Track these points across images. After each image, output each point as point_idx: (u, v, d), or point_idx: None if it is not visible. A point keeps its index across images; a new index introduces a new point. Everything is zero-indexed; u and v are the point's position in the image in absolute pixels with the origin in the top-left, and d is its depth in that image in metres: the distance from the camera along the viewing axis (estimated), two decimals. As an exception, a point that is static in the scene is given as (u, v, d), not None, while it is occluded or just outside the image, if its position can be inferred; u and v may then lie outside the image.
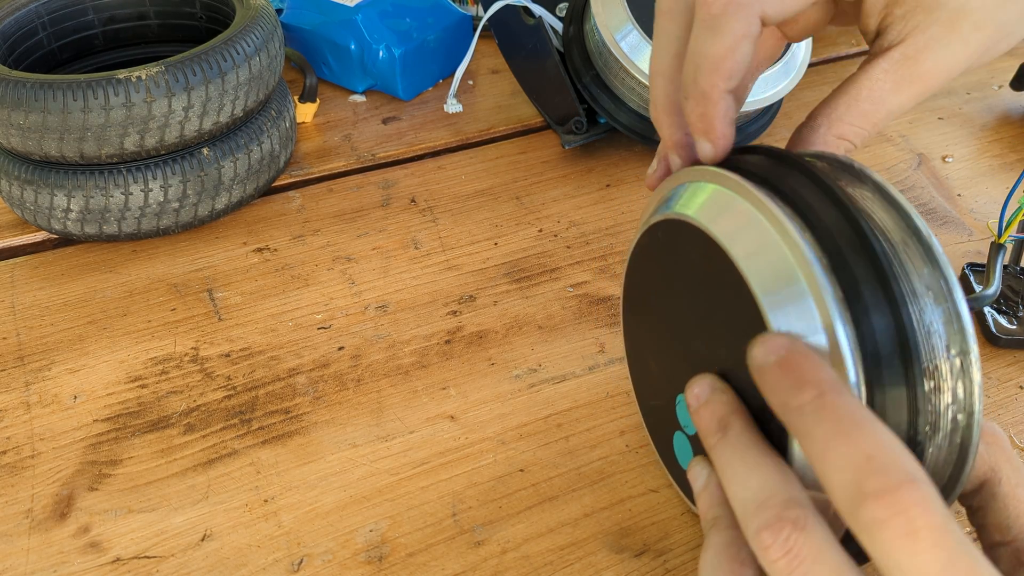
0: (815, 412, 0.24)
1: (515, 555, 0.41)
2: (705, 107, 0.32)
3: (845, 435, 0.23)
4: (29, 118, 0.53)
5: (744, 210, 0.30)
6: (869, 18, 0.34)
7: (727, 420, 0.30)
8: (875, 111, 0.34)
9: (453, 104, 0.78)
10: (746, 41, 0.31)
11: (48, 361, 0.52)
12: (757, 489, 0.26)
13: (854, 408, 0.24)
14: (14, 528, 0.43)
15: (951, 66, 0.33)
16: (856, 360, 0.26)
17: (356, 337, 0.53)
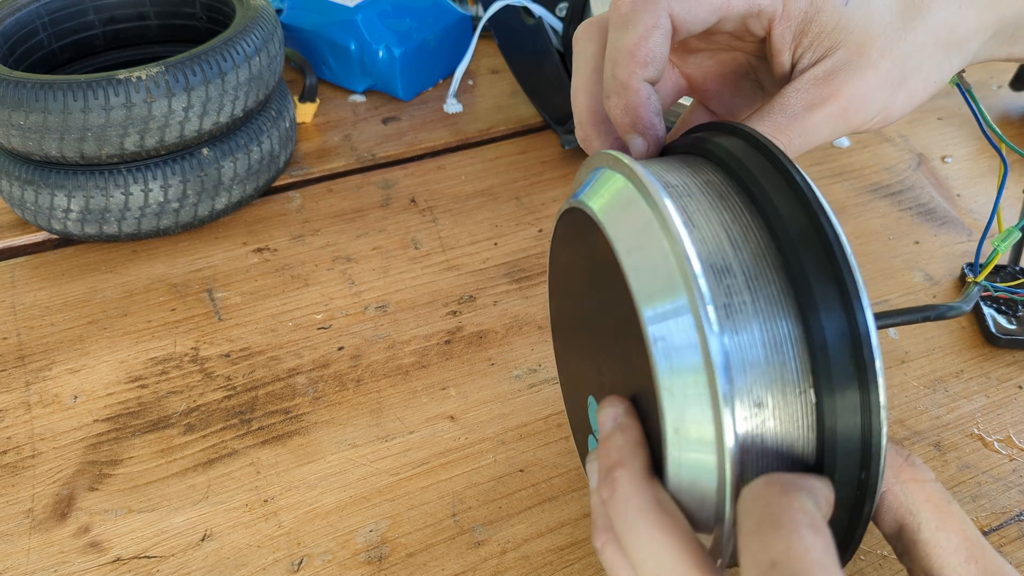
0: (610, 506, 0.27)
1: (515, 555, 0.41)
2: (626, 97, 0.32)
3: (623, 541, 0.27)
4: (29, 118, 0.53)
5: (641, 210, 0.27)
6: (781, 54, 0.35)
7: (616, 473, 0.28)
8: (787, 124, 0.34)
9: (453, 104, 0.78)
10: (657, 32, 0.32)
11: (48, 361, 0.52)
12: (646, 568, 0.26)
13: (626, 514, 0.26)
14: (15, 528, 0.43)
15: (864, 91, 0.33)
16: (727, 379, 0.25)
17: (356, 337, 0.53)
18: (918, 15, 0.34)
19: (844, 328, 0.25)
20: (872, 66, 0.34)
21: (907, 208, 0.64)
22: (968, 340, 0.53)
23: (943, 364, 0.51)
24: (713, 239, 0.27)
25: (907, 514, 0.28)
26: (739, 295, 0.26)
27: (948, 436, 0.47)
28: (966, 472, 0.45)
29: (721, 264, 0.26)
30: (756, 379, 0.25)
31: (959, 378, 0.50)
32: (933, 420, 0.48)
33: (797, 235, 0.26)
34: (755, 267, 0.26)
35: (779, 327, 0.26)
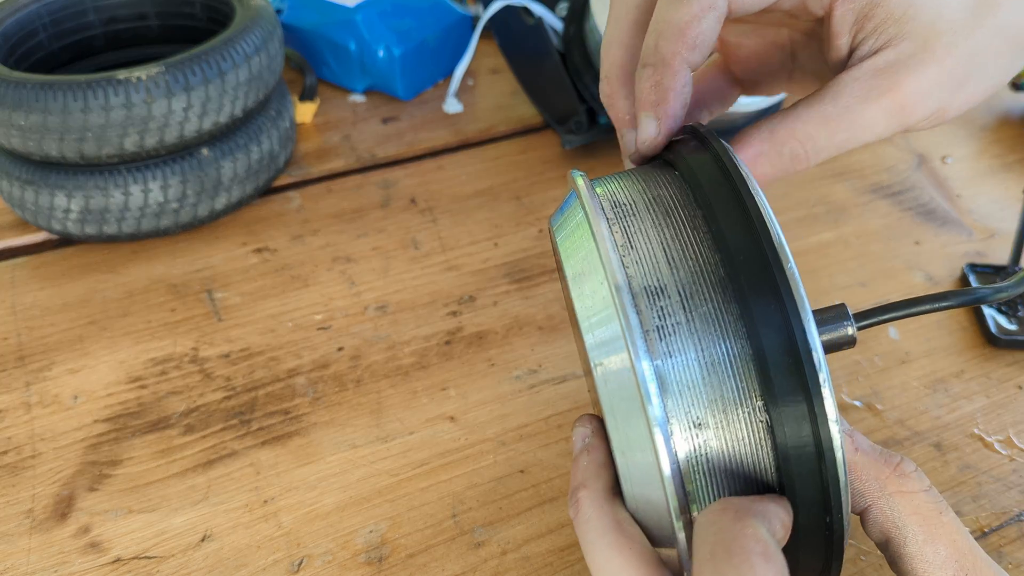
0: (575, 526, 0.28)
1: (515, 556, 0.41)
2: (663, 75, 0.30)
3: (587, 560, 0.27)
4: (29, 119, 0.53)
5: (584, 236, 0.28)
6: (839, 38, 0.32)
7: (579, 494, 0.28)
8: (837, 116, 0.31)
9: (453, 104, 0.78)
10: (712, 13, 0.30)
11: (48, 361, 0.52)
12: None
13: (587, 535, 0.27)
14: (15, 528, 0.43)
15: (925, 87, 0.31)
16: (658, 403, 0.25)
17: (356, 338, 0.53)
18: (988, 12, 0.31)
19: (785, 342, 0.24)
20: (937, 62, 0.31)
21: (908, 208, 0.64)
22: (969, 340, 0.53)
23: (944, 364, 0.51)
24: (649, 260, 0.27)
25: (893, 527, 0.27)
26: (673, 316, 0.26)
27: (949, 436, 0.47)
28: (966, 472, 0.45)
29: (656, 286, 0.26)
30: (694, 400, 0.26)
31: (960, 378, 0.50)
32: (934, 420, 0.48)
33: (737, 249, 0.26)
34: (691, 285, 0.26)
35: (716, 346, 0.26)
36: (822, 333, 0.29)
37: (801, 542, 0.26)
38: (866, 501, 0.28)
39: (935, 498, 0.27)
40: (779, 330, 0.24)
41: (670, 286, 0.26)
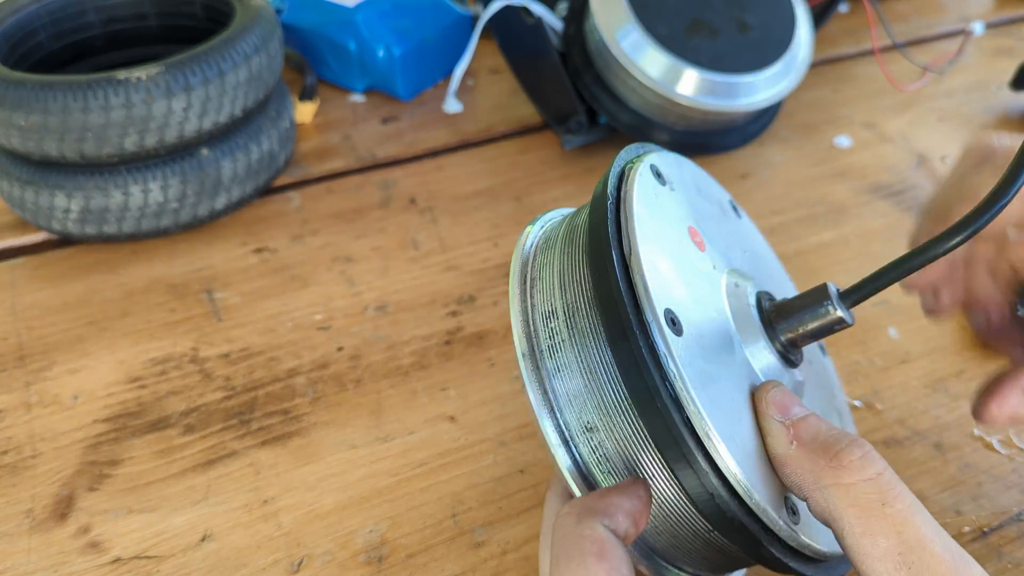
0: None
1: (515, 556, 0.41)
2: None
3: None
4: (29, 119, 0.53)
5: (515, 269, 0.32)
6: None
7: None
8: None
9: (453, 104, 0.78)
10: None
11: (48, 361, 0.52)
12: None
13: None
14: (15, 528, 0.43)
15: None
16: (549, 413, 0.29)
17: (355, 338, 0.53)
18: None
19: (627, 344, 0.26)
20: None
21: (908, 208, 0.64)
22: (969, 340, 0.53)
23: (944, 364, 0.51)
24: (548, 288, 0.30)
25: (830, 520, 0.26)
26: (559, 335, 0.29)
27: (949, 436, 0.47)
28: (967, 472, 0.45)
29: (549, 310, 0.29)
30: (582, 406, 0.28)
31: (960, 378, 0.50)
32: (934, 420, 0.48)
33: (598, 261, 0.28)
34: (575, 303, 0.29)
35: (591, 354, 0.28)
36: (802, 322, 0.30)
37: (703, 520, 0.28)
38: (803, 494, 0.27)
39: (879, 487, 0.26)
40: (622, 333, 0.26)
41: (559, 307, 0.29)
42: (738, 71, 0.65)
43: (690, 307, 0.28)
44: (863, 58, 0.86)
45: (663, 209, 0.31)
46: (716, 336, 0.29)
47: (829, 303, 0.29)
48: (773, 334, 0.31)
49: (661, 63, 0.64)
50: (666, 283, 0.28)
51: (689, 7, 0.66)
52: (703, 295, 0.30)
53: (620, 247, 0.28)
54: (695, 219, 0.33)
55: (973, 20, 0.90)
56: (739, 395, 0.28)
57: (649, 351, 0.26)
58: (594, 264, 0.28)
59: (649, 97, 0.66)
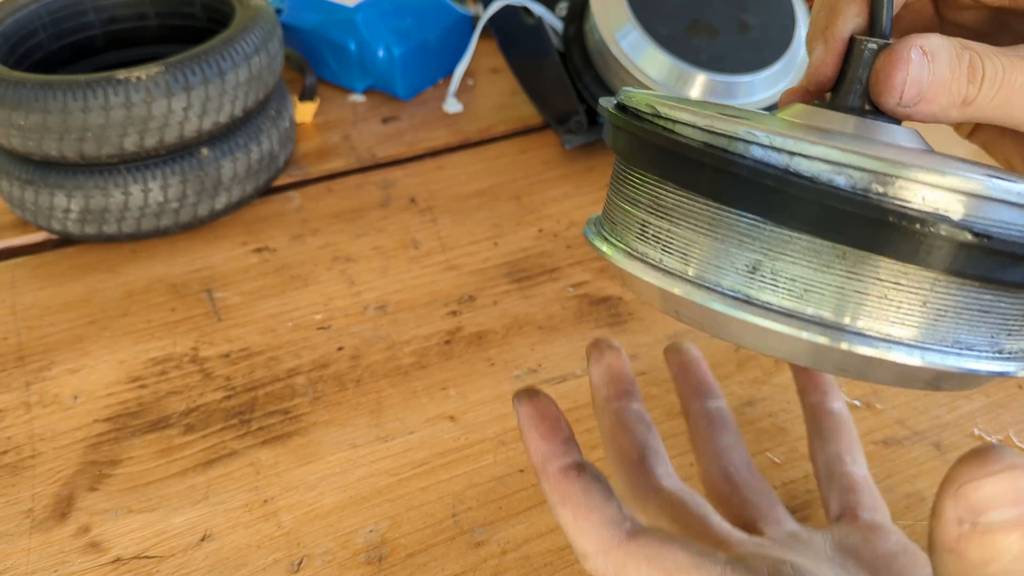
0: (543, 479, 0.29)
1: (515, 556, 0.41)
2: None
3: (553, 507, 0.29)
4: (29, 118, 0.53)
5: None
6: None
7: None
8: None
9: (453, 104, 0.78)
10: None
11: (48, 361, 0.52)
12: (566, 531, 0.27)
13: (547, 495, 0.29)
14: (14, 528, 0.43)
15: None
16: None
17: (355, 337, 0.53)
18: None
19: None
20: None
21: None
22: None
23: (943, 364, 0.51)
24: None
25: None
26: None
27: (948, 436, 0.47)
28: (966, 472, 0.45)
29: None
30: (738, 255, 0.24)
31: (959, 378, 0.50)
32: (933, 420, 0.48)
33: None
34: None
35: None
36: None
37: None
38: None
39: (607, 571, 0.26)
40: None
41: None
42: (738, 71, 0.65)
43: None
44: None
45: None
46: None
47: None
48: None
49: (661, 63, 0.64)
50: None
51: (689, 7, 0.66)
52: None
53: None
54: None
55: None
56: None
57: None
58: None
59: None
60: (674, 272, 0.23)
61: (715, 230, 0.22)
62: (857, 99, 0.26)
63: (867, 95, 0.26)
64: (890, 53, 0.24)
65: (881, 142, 0.24)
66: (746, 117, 0.23)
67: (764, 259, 0.22)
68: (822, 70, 0.28)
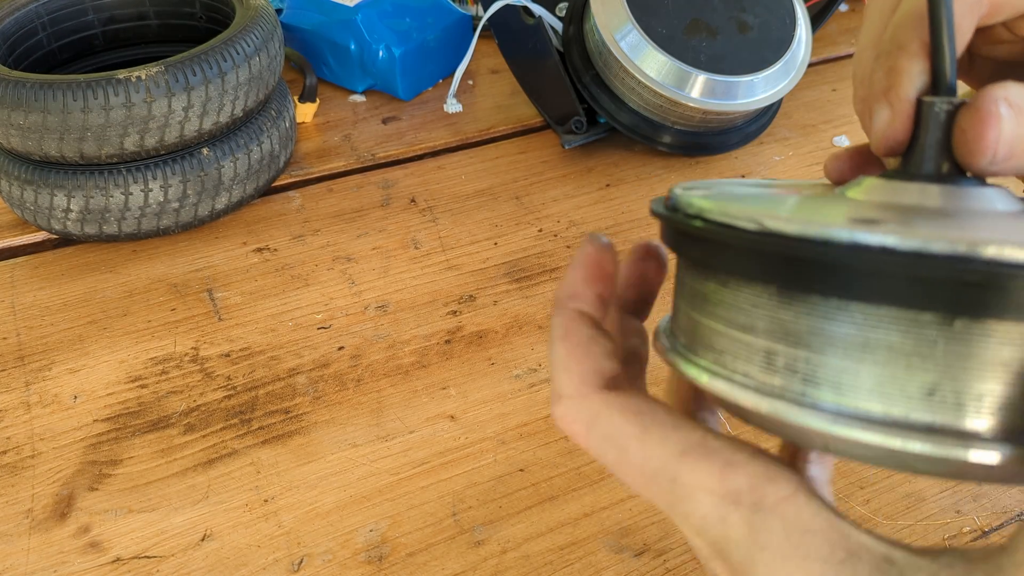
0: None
1: (515, 555, 0.41)
2: (896, 58, 0.26)
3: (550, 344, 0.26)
4: (29, 118, 0.53)
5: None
6: None
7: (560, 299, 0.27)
8: None
9: (453, 104, 0.78)
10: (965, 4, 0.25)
11: (48, 361, 0.52)
12: (552, 367, 0.26)
13: (552, 328, 0.26)
14: (14, 528, 0.43)
15: None
16: None
17: (356, 337, 0.53)
18: None
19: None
20: None
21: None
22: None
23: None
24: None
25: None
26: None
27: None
28: (966, 472, 0.45)
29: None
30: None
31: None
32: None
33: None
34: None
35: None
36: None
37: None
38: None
39: (602, 440, 0.24)
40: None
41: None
42: (737, 71, 0.65)
43: None
44: (863, 58, 0.86)
45: None
46: None
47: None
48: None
49: (660, 63, 0.64)
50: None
51: (688, 7, 0.66)
52: None
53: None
54: None
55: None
56: None
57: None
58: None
59: (649, 97, 0.66)
60: (827, 408, 0.20)
61: (873, 353, 0.19)
62: (932, 163, 0.24)
63: (942, 157, 0.24)
64: (976, 112, 0.23)
65: (995, 212, 0.22)
66: (874, 218, 0.20)
67: (943, 379, 0.19)
68: (892, 136, 0.26)
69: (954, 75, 0.23)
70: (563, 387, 0.25)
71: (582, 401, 0.24)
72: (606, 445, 0.23)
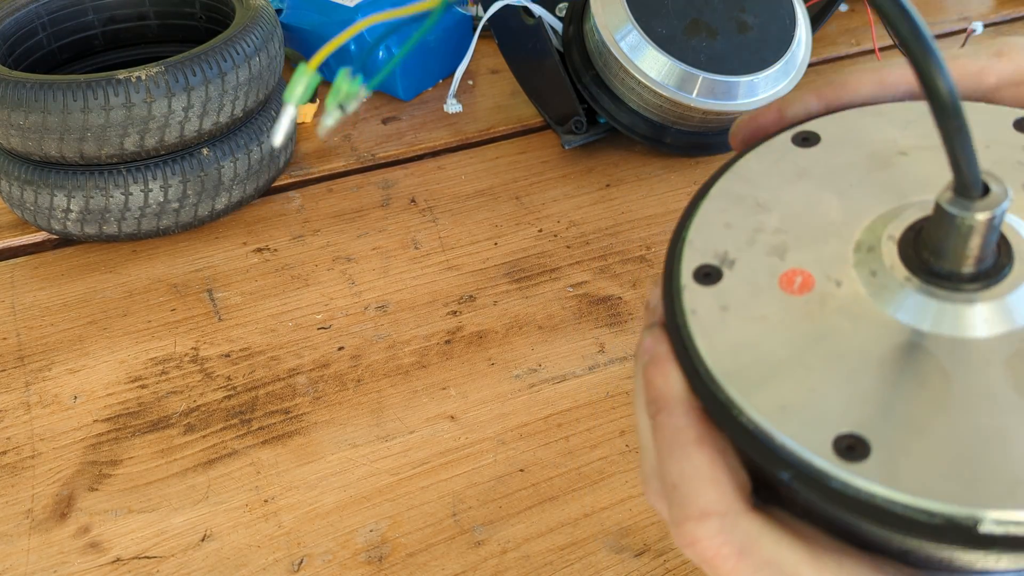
0: (654, 428, 0.23)
1: (515, 555, 0.41)
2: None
3: (663, 460, 0.22)
4: (29, 118, 0.53)
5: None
6: None
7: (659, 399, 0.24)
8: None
9: (453, 104, 0.78)
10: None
11: (48, 361, 0.52)
12: (676, 479, 0.22)
13: (675, 431, 0.22)
14: (14, 528, 0.43)
15: None
16: None
17: (356, 337, 0.53)
18: None
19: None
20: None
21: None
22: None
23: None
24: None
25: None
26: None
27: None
28: (967, 472, 0.45)
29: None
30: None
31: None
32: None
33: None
34: None
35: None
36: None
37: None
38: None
39: (761, 566, 0.21)
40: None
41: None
42: (737, 71, 0.65)
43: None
44: (863, 57, 0.86)
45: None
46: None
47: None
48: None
49: (660, 63, 0.64)
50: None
51: (688, 8, 0.66)
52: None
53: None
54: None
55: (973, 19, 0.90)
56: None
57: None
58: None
59: (649, 97, 0.66)
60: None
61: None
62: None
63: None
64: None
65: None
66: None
67: None
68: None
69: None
70: (710, 503, 0.21)
71: (736, 519, 0.21)
72: (767, 571, 0.20)
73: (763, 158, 0.26)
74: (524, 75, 0.73)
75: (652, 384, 0.23)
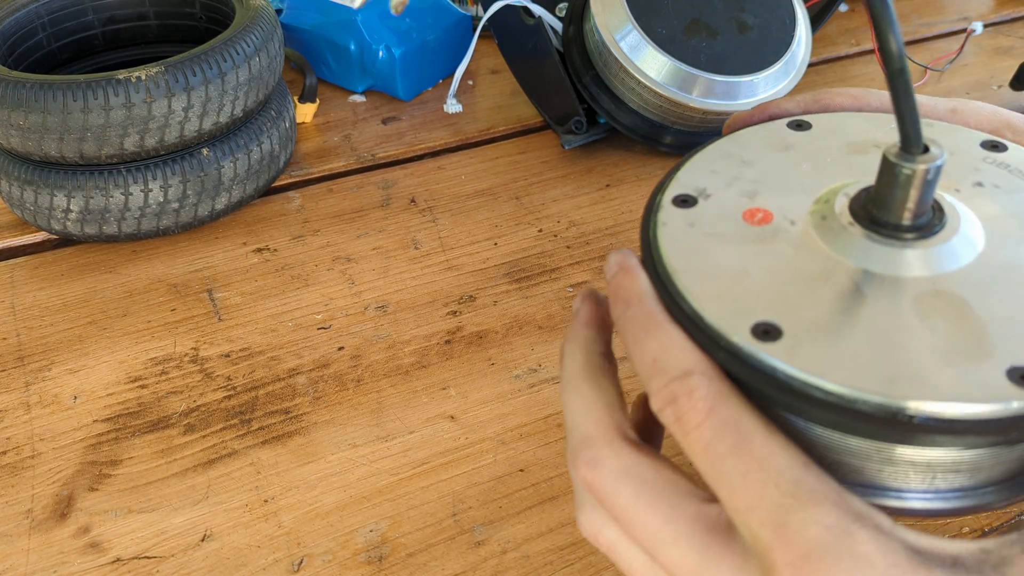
0: (623, 323, 0.26)
1: (515, 555, 0.41)
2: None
3: (637, 342, 0.25)
4: (29, 118, 0.53)
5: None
6: None
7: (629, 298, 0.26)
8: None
9: (453, 104, 0.78)
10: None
11: (48, 361, 0.52)
12: (655, 353, 0.24)
13: (647, 316, 0.25)
14: (14, 528, 0.43)
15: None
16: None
17: (356, 337, 0.53)
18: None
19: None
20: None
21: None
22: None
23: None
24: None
25: (697, 471, 0.24)
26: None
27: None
28: (967, 472, 0.45)
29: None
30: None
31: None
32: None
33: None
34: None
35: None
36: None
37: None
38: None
39: (724, 424, 0.23)
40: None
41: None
42: (737, 71, 0.65)
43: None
44: (863, 57, 0.86)
45: None
46: None
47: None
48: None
49: (660, 64, 0.64)
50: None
51: (688, 8, 0.66)
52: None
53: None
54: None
55: (973, 19, 0.90)
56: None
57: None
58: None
59: (649, 97, 0.66)
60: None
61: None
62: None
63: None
64: None
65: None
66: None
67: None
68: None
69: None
70: (690, 364, 0.24)
71: (712, 377, 0.24)
72: (727, 429, 0.23)
73: (757, 132, 0.31)
74: (524, 75, 0.74)
75: (621, 286, 0.26)
